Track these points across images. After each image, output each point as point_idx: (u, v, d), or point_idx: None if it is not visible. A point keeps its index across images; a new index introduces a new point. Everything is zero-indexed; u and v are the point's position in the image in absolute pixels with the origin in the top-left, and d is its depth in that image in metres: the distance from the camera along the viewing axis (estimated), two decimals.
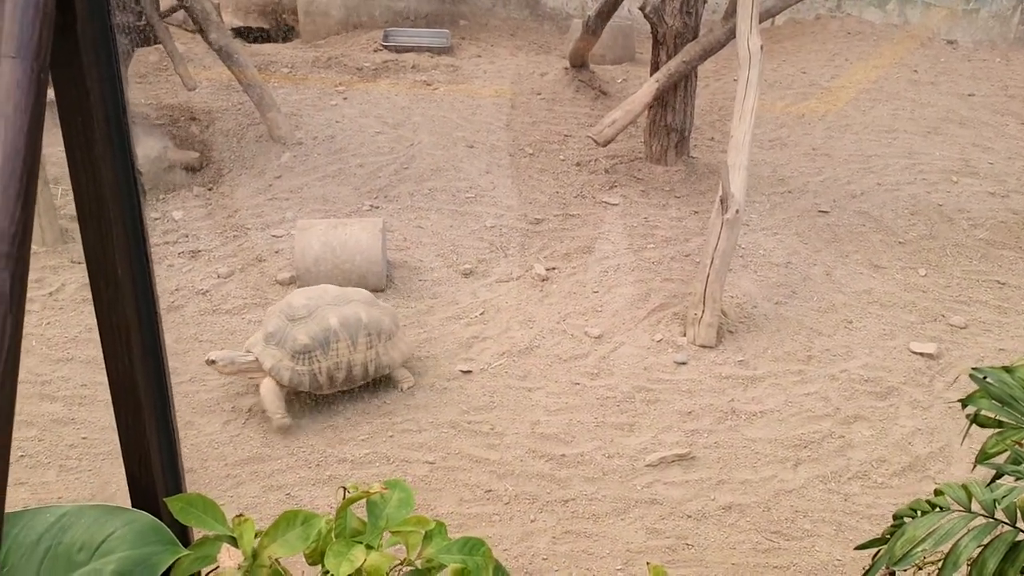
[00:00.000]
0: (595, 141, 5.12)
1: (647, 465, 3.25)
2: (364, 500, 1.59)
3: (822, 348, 3.94)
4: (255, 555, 1.51)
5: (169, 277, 4.21)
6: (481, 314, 4.02)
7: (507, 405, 3.48)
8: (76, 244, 4.35)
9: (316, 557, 1.58)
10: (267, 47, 7.23)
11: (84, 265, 4.31)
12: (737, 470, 3.27)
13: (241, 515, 1.54)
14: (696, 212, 4.96)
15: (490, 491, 3.09)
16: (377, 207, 4.87)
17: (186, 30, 5.52)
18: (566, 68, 6.57)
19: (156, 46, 5.25)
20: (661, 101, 5.16)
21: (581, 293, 4.19)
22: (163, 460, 1.68)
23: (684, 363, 3.77)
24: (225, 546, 1.54)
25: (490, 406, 3.47)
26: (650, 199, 5.06)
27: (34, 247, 4.23)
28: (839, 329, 4.09)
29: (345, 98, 5.98)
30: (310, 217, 4.77)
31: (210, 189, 5.04)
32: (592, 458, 3.26)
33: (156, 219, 4.73)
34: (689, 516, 3.07)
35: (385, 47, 6.92)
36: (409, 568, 1.55)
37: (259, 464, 3.12)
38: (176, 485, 1.70)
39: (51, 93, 1.36)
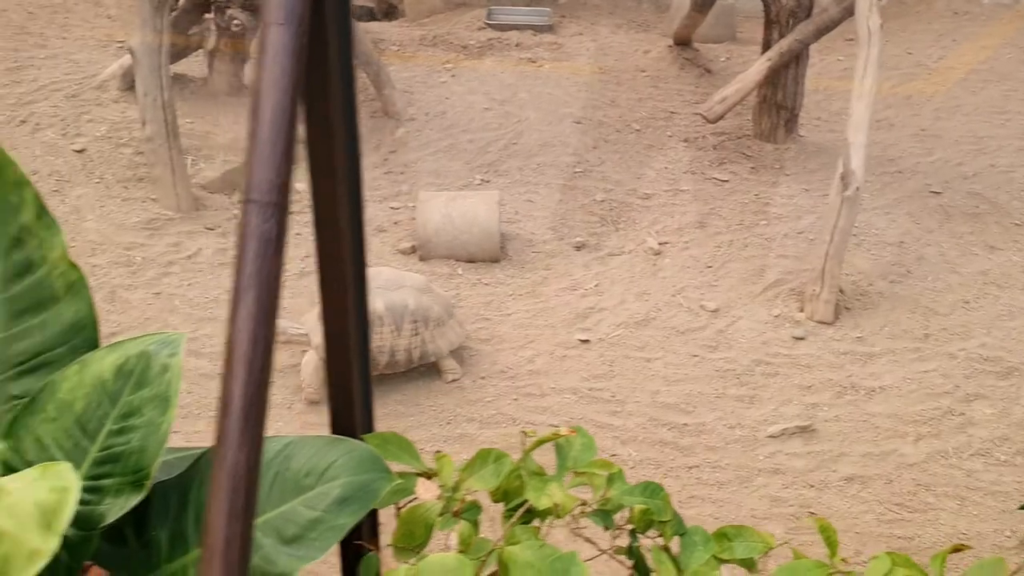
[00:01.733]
0: (705, 118, 5.14)
1: (768, 436, 3.31)
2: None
3: (939, 327, 3.93)
4: (455, 488, 1.63)
5: (298, 244, 4.38)
6: (595, 286, 4.11)
7: (626, 374, 3.57)
8: (209, 211, 4.57)
9: (499, 495, 1.70)
10: (373, 25, 7.39)
11: (216, 231, 4.50)
12: (857, 443, 3.31)
13: (440, 451, 1.67)
14: (807, 190, 4.96)
15: (615, 455, 3.20)
16: (488, 181, 4.99)
17: None
18: (670, 46, 6.58)
19: None
20: (771, 79, 5.15)
21: (695, 267, 4.24)
22: (362, 403, 1.82)
23: (802, 338, 3.81)
24: (421, 480, 1.67)
25: (610, 375, 3.57)
26: (760, 176, 5.07)
27: (170, 214, 4.47)
28: (956, 309, 4.06)
29: (453, 75, 6.10)
30: (424, 190, 4.91)
31: None
32: (714, 428, 3.34)
33: None
34: (811, 486, 3.13)
35: (489, 25, 7.02)
36: (592, 508, 1.66)
37: (394, 420, 3.28)
38: (369, 426, 1.84)
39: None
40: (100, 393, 1.55)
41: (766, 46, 5.21)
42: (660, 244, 4.40)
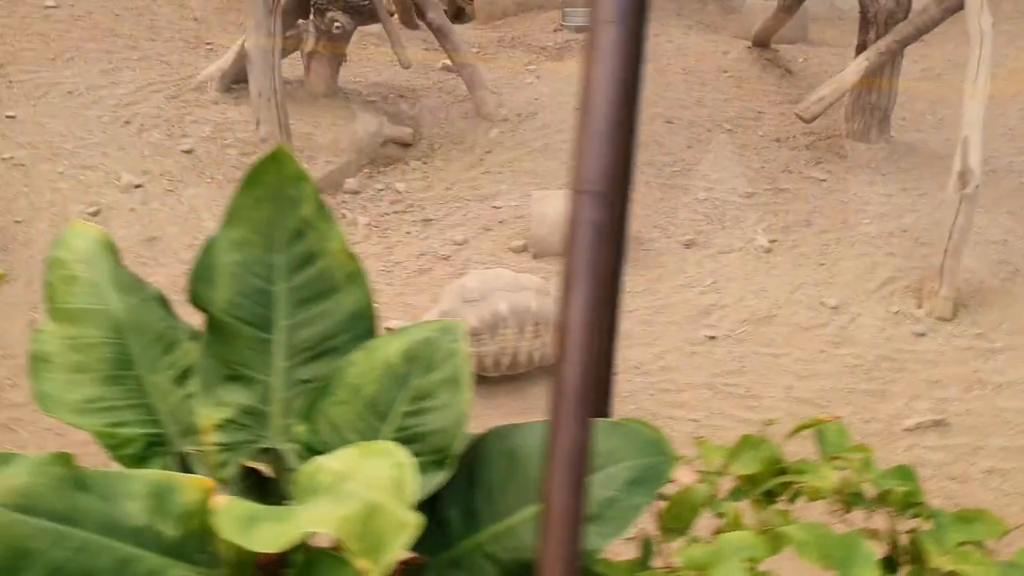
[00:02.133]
0: (801, 118, 5.18)
1: (904, 430, 3.35)
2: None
3: None
4: (719, 472, 1.69)
5: (409, 243, 4.46)
6: (712, 283, 4.16)
7: (757, 370, 3.62)
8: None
9: (756, 479, 1.75)
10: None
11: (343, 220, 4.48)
12: (992, 437, 3.34)
13: (702, 437, 1.72)
14: (904, 189, 4.99)
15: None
16: None
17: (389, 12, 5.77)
18: (748, 47, 6.62)
19: (375, 25, 5.52)
20: (865, 79, 5.18)
21: (807, 265, 4.29)
22: (608, 390, 1.89)
23: (923, 334, 3.84)
24: (680, 465, 1.72)
25: (741, 370, 3.62)
26: (856, 176, 5.10)
27: None
28: None
29: (538, 77, 6.16)
30: (524, 190, 4.98)
31: (425, 163, 5.29)
32: (850, 422, 3.37)
33: (380, 190, 5.00)
34: (953, 478, 3.17)
35: (564, 27, 7.08)
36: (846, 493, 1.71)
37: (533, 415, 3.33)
38: (607, 412, 1.90)
39: None
40: (389, 377, 1.61)
41: (861, 47, 5.24)
42: (770, 242, 4.45)
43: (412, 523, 1.26)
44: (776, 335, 3.81)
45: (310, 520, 1.25)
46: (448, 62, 6.27)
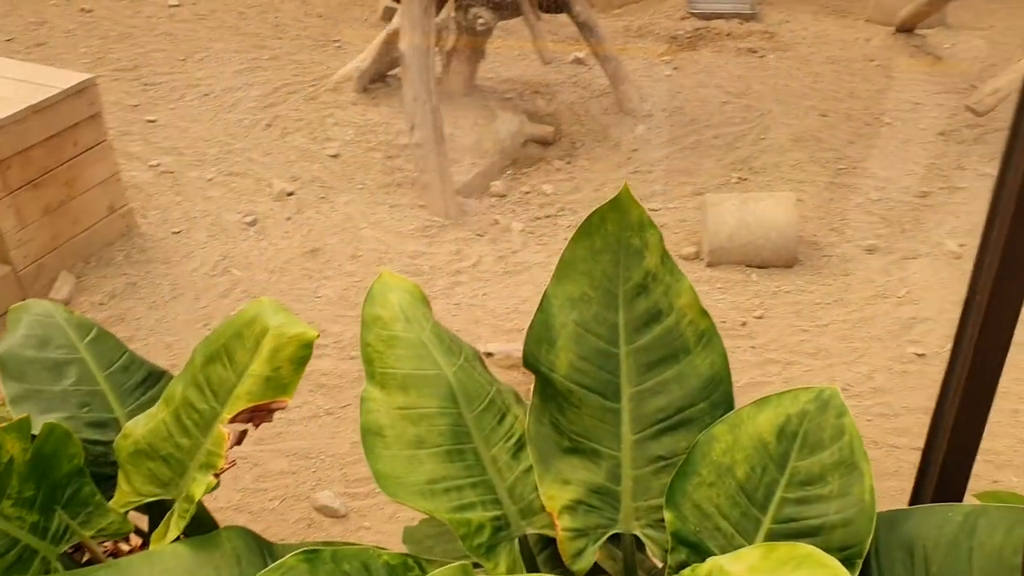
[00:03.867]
0: (974, 111, 4.86)
1: None
2: None
3: None
4: None
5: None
6: (906, 292, 3.89)
7: None
8: (471, 216, 4.49)
9: None
10: (561, 17, 7.23)
11: (486, 237, 4.38)
12: None
13: None
14: None
15: (996, 481, 2.99)
16: (746, 179, 4.79)
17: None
18: (893, 33, 6.27)
19: (517, 18, 5.32)
20: None
21: None
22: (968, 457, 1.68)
23: None
24: None
25: None
26: None
27: (441, 220, 4.39)
28: None
29: (676, 68, 5.91)
30: (680, 191, 4.75)
31: (568, 163, 5.09)
32: None
33: (527, 193, 4.81)
34: None
35: (692, 15, 6.80)
36: None
37: None
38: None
39: None
40: (762, 456, 1.42)
41: None
42: (959, 246, 4.16)
43: None
44: None
45: None
46: (580, 55, 6.05)
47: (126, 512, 1.59)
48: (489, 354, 3.25)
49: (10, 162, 3.49)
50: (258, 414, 1.53)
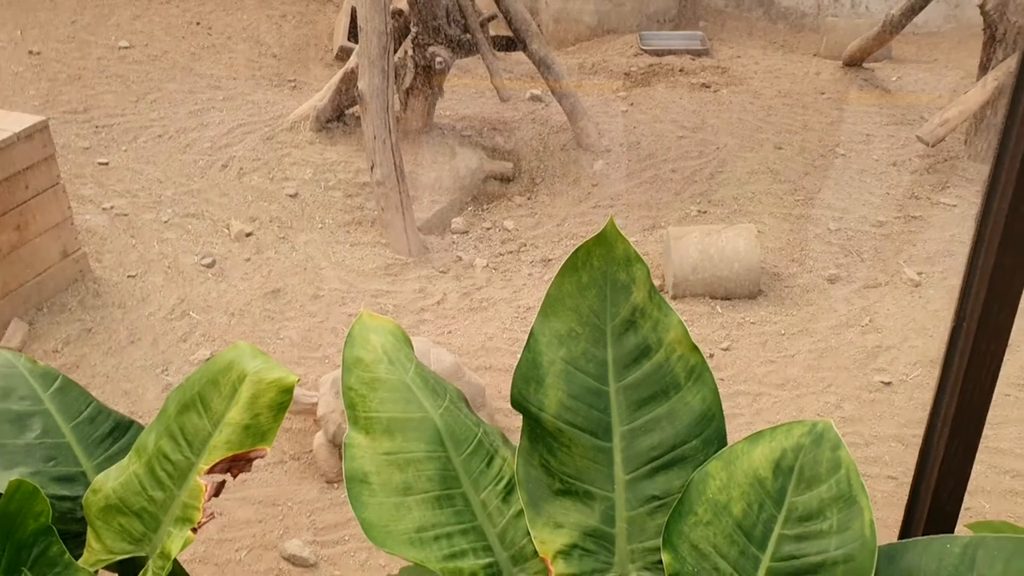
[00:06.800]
0: (924, 141, 4.97)
1: None
2: None
3: None
4: None
5: (535, 285, 4.26)
6: (870, 322, 3.93)
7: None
8: (434, 253, 4.45)
9: None
10: (517, 55, 7.28)
11: (449, 274, 4.34)
12: None
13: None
14: None
15: (967, 509, 3.01)
16: (705, 212, 4.83)
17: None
18: (842, 66, 6.42)
19: (474, 56, 5.33)
20: (992, 101, 4.97)
21: None
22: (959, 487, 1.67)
23: None
24: None
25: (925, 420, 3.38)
26: None
27: (403, 258, 4.35)
28: None
29: (631, 104, 5.97)
30: (641, 224, 4.77)
31: (529, 198, 5.09)
32: None
33: (489, 229, 4.80)
34: None
35: (644, 51, 6.89)
36: None
37: None
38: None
39: None
40: (758, 493, 1.39)
41: (984, 67, 5.02)
42: (918, 274, 4.22)
43: None
44: None
45: None
46: (536, 92, 6.09)
47: (96, 572, 1.51)
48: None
49: None
50: (237, 464, 1.47)
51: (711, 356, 3.76)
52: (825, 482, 1.38)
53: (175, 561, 1.53)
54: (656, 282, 4.18)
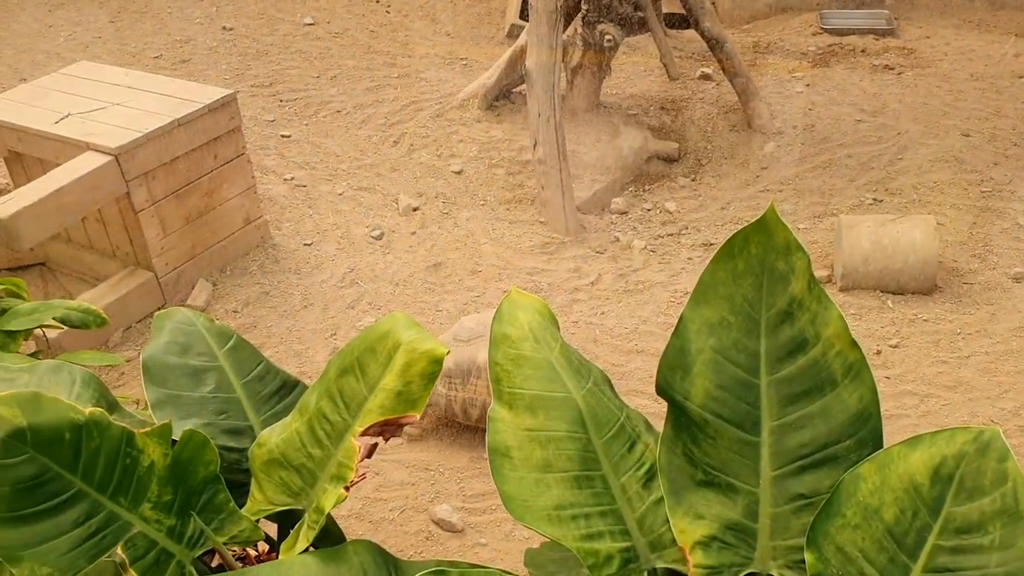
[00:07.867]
0: None
1: None
2: None
3: None
4: None
5: (694, 269, 4.18)
6: None
7: None
8: (591, 233, 4.45)
9: None
10: (689, 33, 7.13)
11: (606, 255, 4.30)
12: None
13: None
14: None
15: None
16: (880, 201, 4.59)
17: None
18: None
19: (644, 34, 5.26)
20: None
21: None
22: None
23: None
24: None
25: None
26: None
27: (560, 237, 4.37)
28: None
29: (807, 84, 5.73)
30: (811, 211, 4.59)
31: (693, 180, 4.99)
32: None
33: (649, 210, 4.74)
34: None
35: (824, 30, 6.59)
36: None
37: None
38: None
39: None
40: (913, 499, 1.32)
41: None
42: None
43: None
44: None
45: None
46: (707, 71, 5.95)
47: (257, 520, 1.62)
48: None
49: (155, 173, 3.66)
50: (388, 428, 1.53)
51: (878, 353, 3.58)
52: (988, 494, 1.30)
53: (329, 516, 1.62)
54: (824, 272, 4.05)
